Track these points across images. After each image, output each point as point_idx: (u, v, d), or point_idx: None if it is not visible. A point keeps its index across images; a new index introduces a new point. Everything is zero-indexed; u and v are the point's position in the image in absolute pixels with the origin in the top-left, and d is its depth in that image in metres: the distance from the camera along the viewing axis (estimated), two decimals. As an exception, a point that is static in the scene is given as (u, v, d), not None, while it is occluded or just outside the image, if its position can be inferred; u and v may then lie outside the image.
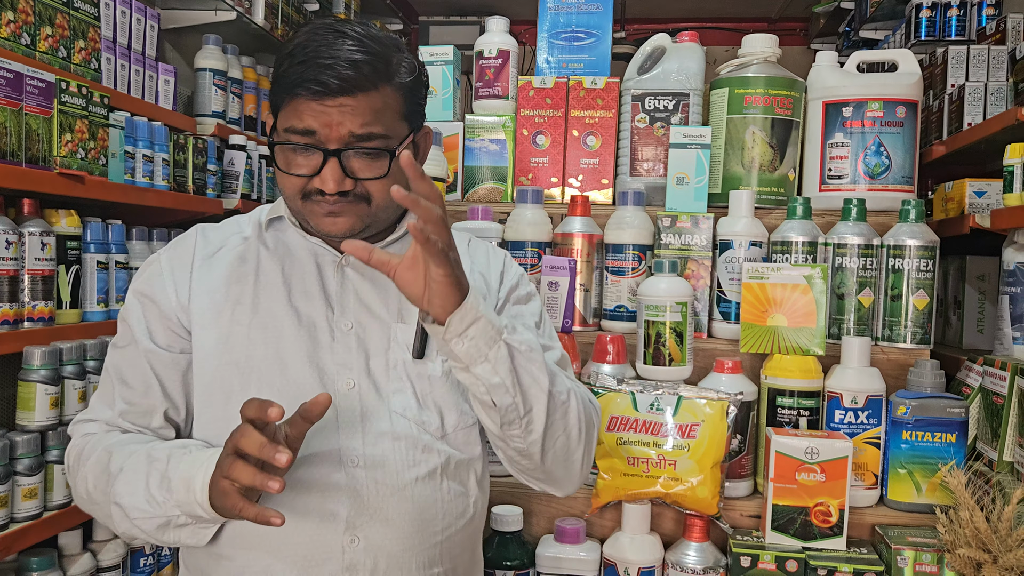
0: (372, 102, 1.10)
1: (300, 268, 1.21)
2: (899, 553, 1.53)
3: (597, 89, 1.99)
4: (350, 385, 1.16)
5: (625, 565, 1.60)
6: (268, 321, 1.17)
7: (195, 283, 1.20)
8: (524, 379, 1.09)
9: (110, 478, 1.11)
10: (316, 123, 1.09)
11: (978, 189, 2.13)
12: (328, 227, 1.15)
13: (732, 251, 1.82)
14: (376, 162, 1.12)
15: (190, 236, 1.26)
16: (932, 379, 1.68)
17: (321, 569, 1.12)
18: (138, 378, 1.19)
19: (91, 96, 2.01)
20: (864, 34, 3.50)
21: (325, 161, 1.10)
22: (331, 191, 1.10)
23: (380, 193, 1.14)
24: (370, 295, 1.20)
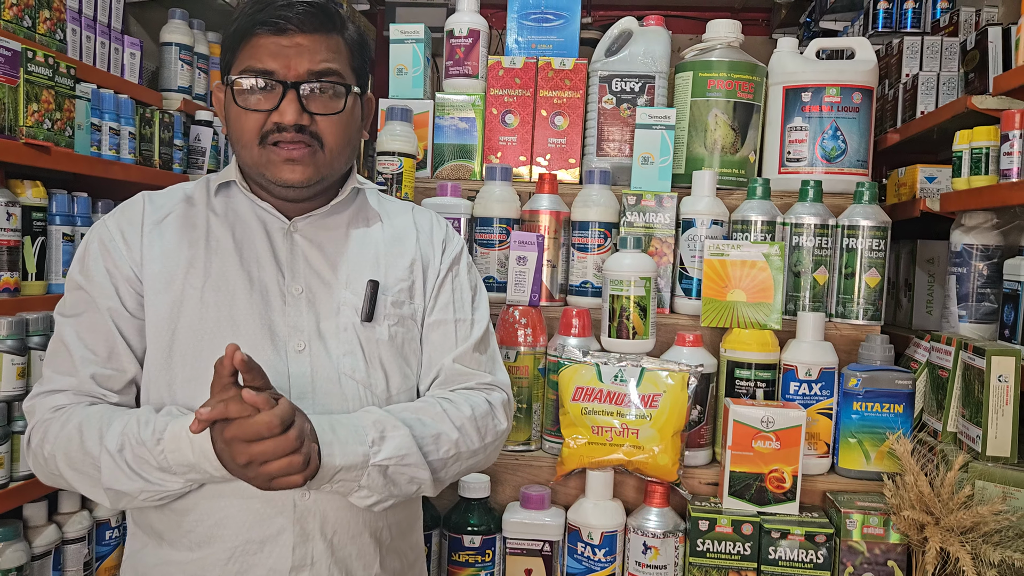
0: (327, 44, 1.17)
1: (250, 234, 1.22)
2: (848, 516, 1.60)
3: (565, 70, 2.03)
4: (301, 347, 1.19)
5: (588, 530, 1.65)
6: (221, 285, 1.18)
7: (146, 248, 1.20)
8: (401, 482, 1.15)
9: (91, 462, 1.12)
10: (274, 62, 1.13)
11: (929, 175, 2.21)
12: (287, 175, 1.16)
13: (694, 229, 1.87)
14: (332, 101, 1.17)
15: (137, 202, 1.25)
16: (882, 353, 1.76)
17: (273, 521, 1.15)
18: (102, 343, 1.18)
19: (57, 66, 2.00)
20: (824, 24, 3.58)
21: (284, 95, 1.13)
22: (289, 122, 1.13)
23: (333, 135, 1.17)
24: (319, 261, 1.23)
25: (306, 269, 1.22)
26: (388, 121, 1.93)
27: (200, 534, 1.16)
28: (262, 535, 1.15)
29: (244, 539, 1.15)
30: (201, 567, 1.16)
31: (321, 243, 1.24)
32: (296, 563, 1.16)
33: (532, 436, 1.81)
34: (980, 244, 1.86)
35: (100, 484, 1.12)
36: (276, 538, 1.15)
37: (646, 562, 1.64)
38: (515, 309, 1.80)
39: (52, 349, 1.21)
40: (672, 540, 1.65)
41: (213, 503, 1.15)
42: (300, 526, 1.16)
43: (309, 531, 1.16)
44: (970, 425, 1.60)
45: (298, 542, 1.16)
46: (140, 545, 1.24)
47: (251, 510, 1.15)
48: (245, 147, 1.17)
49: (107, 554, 2.18)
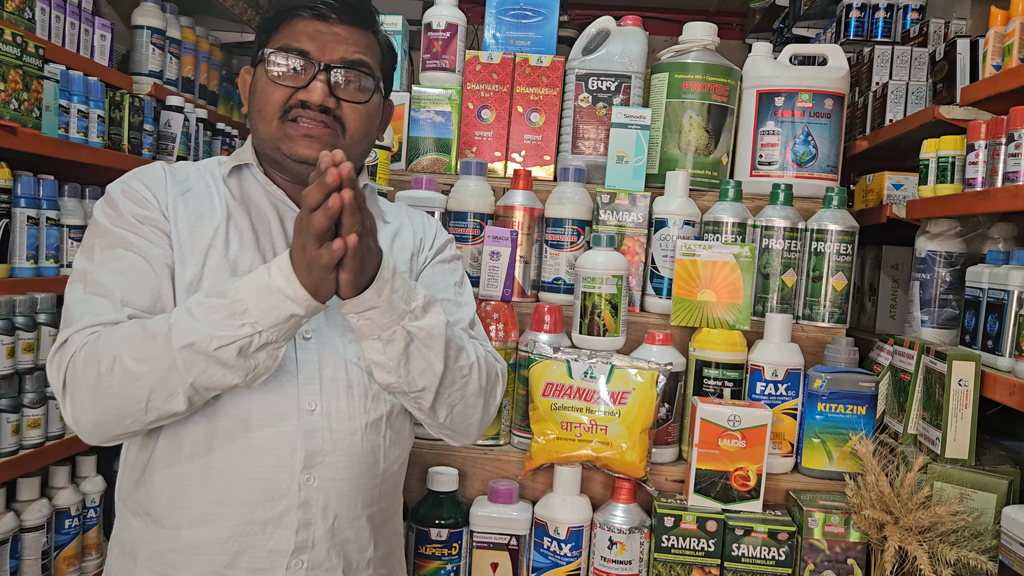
0: (363, 39, 1.21)
1: (265, 218, 1.24)
2: (810, 515, 1.63)
3: (543, 67, 2.03)
4: (309, 335, 1.20)
5: (556, 524, 1.66)
6: (237, 266, 1.18)
7: (171, 213, 1.19)
8: (415, 364, 1.16)
9: (161, 335, 1.06)
10: (311, 44, 1.17)
11: (896, 182, 2.26)
12: (303, 149, 1.17)
13: (667, 229, 1.89)
14: (359, 92, 1.20)
15: (156, 169, 1.24)
16: (846, 355, 1.80)
17: (278, 503, 1.16)
18: (148, 290, 1.14)
19: (26, 46, 1.96)
20: (797, 31, 3.62)
21: (315, 75, 1.16)
22: (316, 101, 1.15)
23: (355, 123, 1.20)
24: None
25: None
26: (364, 112, 1.92)
27: (199, 511, 1.15)
28: (264, 516, 1.15)
29: (246, 519, 1.15)
30: (197, 545, 1.15)
31: None
32: (298, 545, 1.17)
33: (501, 431, 1.82)
34: (944, 251, 1.90)
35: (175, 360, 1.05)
36: (279, 520, 1.16)
37: (612, 557, 1.66)
38: (487, 304, 1.80)
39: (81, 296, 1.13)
40: (638, 536, 1.66)
41: (216, 479, 1.15)
42: (304, 509, 1.17)
43: (312, 514, 1.17)
44: (930, 427, 1.64)
45: (301, 525, 1.17)
46: (125, 524, 1.22)
47: (255, 490, 1.15)
48: (265, 119, 1.19)
49: (66, 543, 2.14)
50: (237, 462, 1.15)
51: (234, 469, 1.15)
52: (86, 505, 2.23)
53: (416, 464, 1.77)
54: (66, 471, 2.17)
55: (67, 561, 2.15)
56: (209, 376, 1.07)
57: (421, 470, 1.74)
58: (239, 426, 1.15)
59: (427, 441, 1.80)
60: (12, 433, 1.95)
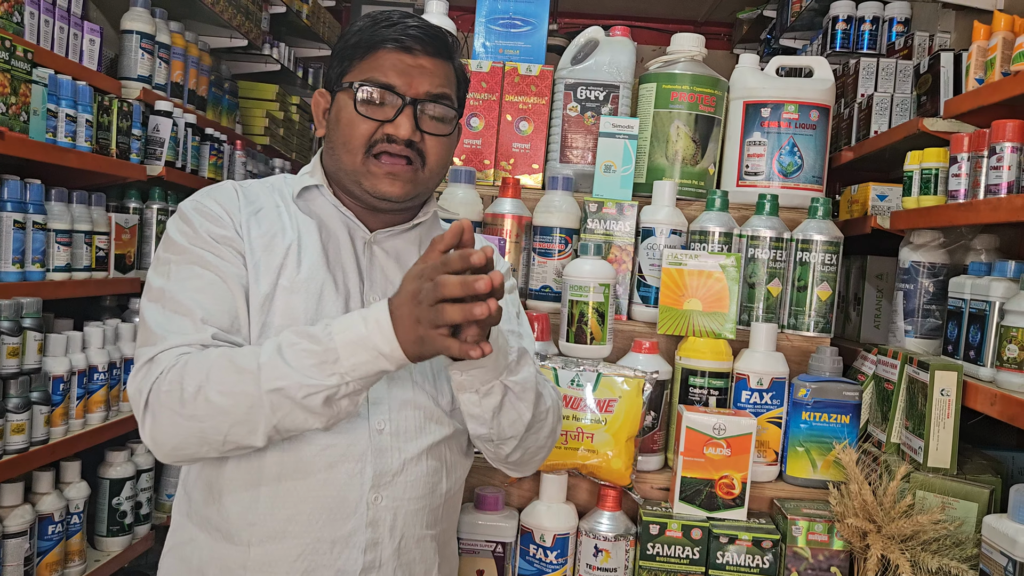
0: (445, 70, 1.23)
1: (335, 239, 1.25)
2: (794, 523, 1.64)
3: (531, 76, 2.04)
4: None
5: (541, 532, 1.67)
6: (310, 284, 1.19)
7: (245, 232, 1.20)
8: (507, 416, 1.20)
9: (249, 373, 1.06)
10: (398, 78, 1.19)
11: (881, 193, 2.28)
12: (386, 187, 1.19)
13: (654, 238, 1.90)
14: (442, 124, 1.22)
15: (228, 188, 1.25)
16: (831, 364, 1.81)
17: (347, 522, 1.17)
18: (226, 309, 1.15)
19: (14, 50, 1.96)
20: (784, 42, 3.66)
21: (402, 109, 1.18)
22: (403, 136, 1.17)
23: (436, 155, 1.22)
24: (395, 274, 1.27)
25: (383, 279, 1.26)
26: (353, 119, 1.93)
27: (269, 528, 1.15)
28: (333, 535, 1.16)
29: (315, 537, 1.15)
30: (267, 562, 1.15)
31: (397, 256, 1.28)
32: (366, 565, 1.17)
33: (488, 438, 1.83)
34: (927, 262, 1.92)
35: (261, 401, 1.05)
36: (348, 539, 1.17)
37: (597, 565, 1.66)
38: (475, 311, 1.81)
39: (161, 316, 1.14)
40: (623, 543, 1.67)
41: (286, 497, 1.15)
42: (372, 528, 1.18)
43: (380, 533, 1.18)
44: (913, 437, 1.65)
45: (369, 544, 1.17)
46: (189, 538, 1.22)
47: (325, 508, 1.16)
48: (350, 152, 1.20)
49: (49, 549, 2.13)
50: (308, 481, 1.15)
51: (305, 488, 1.15)
52: (70, 511, 2.21)
53: (402, 471, 1.77)
54: (50, 476, 2.16)
55: (50, 567, 2.14)
56: (292, 419, 1.08)
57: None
58: (309, 444, 1.16)
59: (414, 448, 1.80)
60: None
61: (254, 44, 3.61)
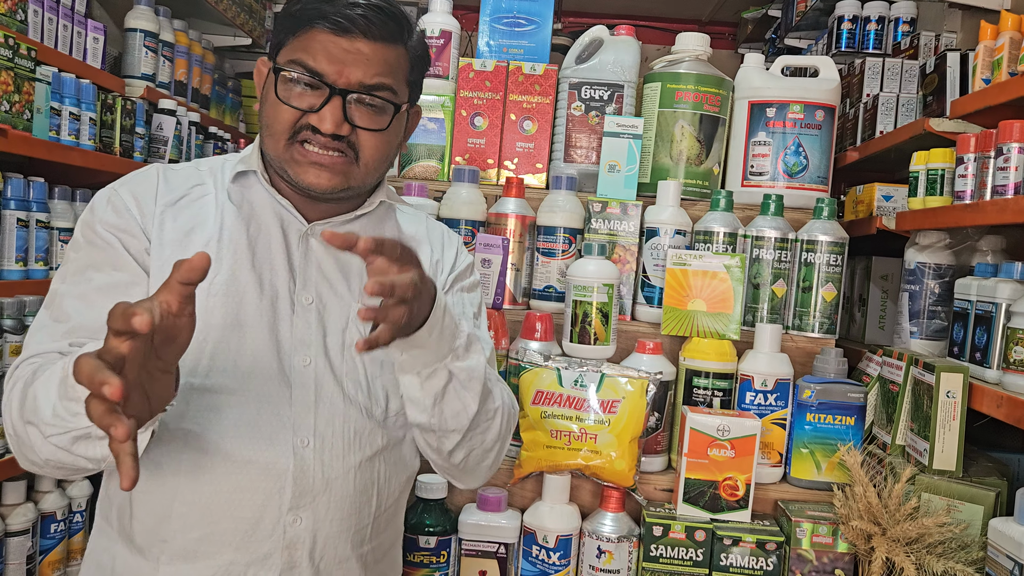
0: (386, 55, 1.10)
1: (266, 232, 1.16)
2: (798, 525, 1.64)
3: (536, 75, 2.04)
4: (306, 362, 1.13)
5: (544, 533, 1.66)
6: (230, 285, 1.12)
7: (156, 227, 1.11)
8: (450, 405, 1.11)
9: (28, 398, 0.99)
10: (328, 65, 1.07)
11: (886, 193, 2.27)
12: (312, 179, 1.10)
13: (658, 238, 1.90)
14: (378, 116, 1.11)
15: (151, 175, 1.16)
16: (836, 366, 1.80)
17: (261, 545, 1.10)
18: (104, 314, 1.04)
19: (17, 47, 1.95)
20: (789, 41, 3.64)
21: (328, 100, 1.07)
22: (327, 131, 1.07)
23: (371, 149, 1.12)
24: (332, 270, 1.18)
25: (318, 277, 1.16)
26: (357, 118, 1.92)
27: (180, 547, 1.09)
28: (248, 557, 1.10)
29: (228, 560, 1.09)
30: None
31: (336, 251, 1.17)
32: None
33: (491, 438, 1.82)
34: (933, 263, 1.91)
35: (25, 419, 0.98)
36: (263, 561, 1.10)
37: (600, 566, 1.66)
38: (478, 311, 1.80)
39: (45, 319, 1.08)
40: (626, 545, 1.66)
41: (200, 516, 1.09)
42: (289, 551, 1.11)
43: (298, 556, 1.12)
44: (918, 439, 1.64)
45: (285, 567, 1.11)
46: (106, 545, 1.15)
47: (240, 529, 1.09)
48: (273, 137, 1.11)
49: (52, 548, 2.13)
50: (223, 498, 1.08)
51: (219, 506, 1.08)
52: (72, 509, 2.21)
53: (405, 471, 1.76)
54: (52, 475, 2.16)
55: (52, 566, 2.13)
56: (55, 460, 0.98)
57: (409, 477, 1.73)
58: (225, 460, 1.09)
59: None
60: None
61: (258, 43, 3.61)
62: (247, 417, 1.09)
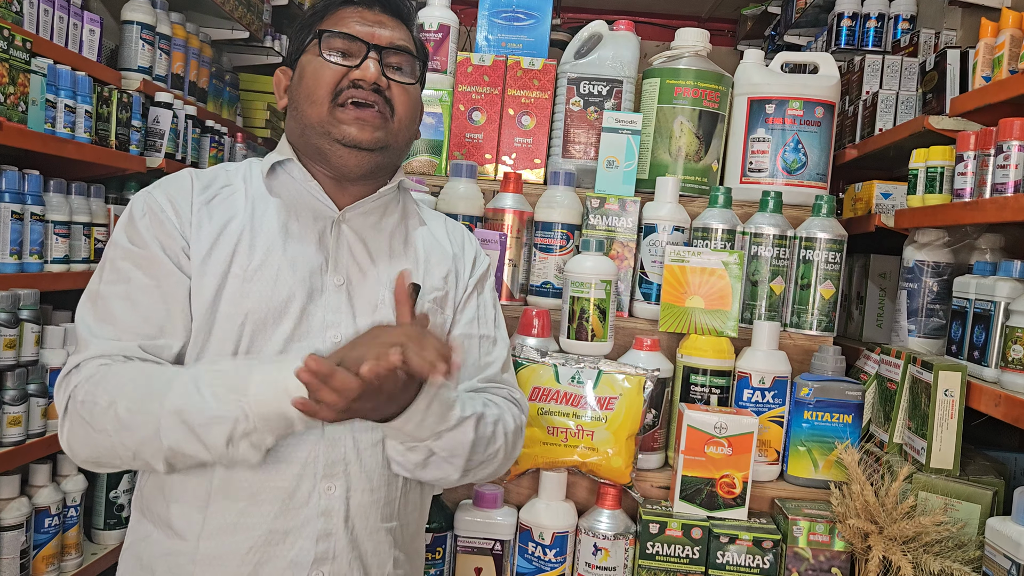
0: (405, 31, 1.25)
1: (296, 219, 1.22)
2: (795, 523, 1.63)
3: (534, 70, 2.03)
4: (337, 339, 1.17)
5: (540, 530, 1.66)
6: (264, 270, 1.17)
7: (195, 225, 1.17)
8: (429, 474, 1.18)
9: (158, 392, 1.05)
10: (361, 28, 1.21)
11: (885, 191, 2.26)
12: (355, 132, 1.18)
13: (656, 235, 1.89)
14: (407, 74, 1.23)
15: (184, 177, 1.23)
16: (833, 364, 1.80)
17: (298, 513, 1.14)
18: (155, 312, 1.13)
19: (12, 39, 1.94)
20: (788, 38, 3.63)
21: (367, 55, 1.19)
22: (371, 79, 1.17)
23: (404, 105, 1.22)
24: (362, 254, 1.24)
25: (349, 260, 1.23)
26: (354, 112, 1.91)
27: (220, 522, 1.13)
28: (286, 525, 1.13)
29: (268, 528, 1.13)
30: (218, 556, 1.12)
31: (366, 237, 1.25)
32: (318, 556, 1.14)
33: (487, 435, 1.81)
34: (931, 261, 1.90)
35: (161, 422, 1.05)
36: (300, 529, 1.14)
37: (596, 563, 1.65)
38: (475, 307, 1.80)
39: (91, 320, 1.14)
40: (623, 542, 1.66)
41: (238, 490, 1.12)
42: (325, 518, 1.15)
43: (333, 523, 1.15)
44: (915, 437, 1.64)
45: (322, 535, 1.15)
46: (144, 534, 1.19)
47: (278, 499, 1.13)
48: (315, 103, 1.19)
49: (45, 542, 2.12)
50: (260, 472, 1.12)
51: (257, 479, 1.12)
52: (66, 504, 2.20)
53: (401, 467, 1.75)
54: (47, 469, 2.15)
55: (46, 560, 2.13)
56: (187, 448, 1.06)
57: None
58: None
59: (412, 444, 1.79)
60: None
61: (255, 36, 3.59)
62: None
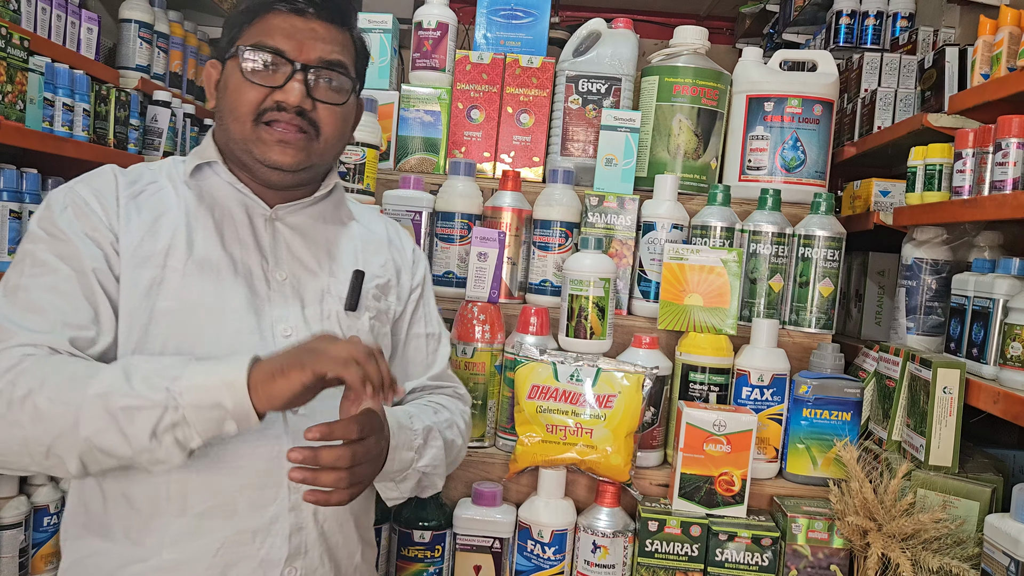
0: (340, 37, 1.17)
1: (231, 217, 1.19)
2: (794, 521, 1.63)
3: (533, 68, 2.02)
4: (288, 333, 1.16)
5: (539, 528, 1.66)
6: (204, 265, 1.13)
7: (122, 220, 1.12)
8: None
9: (81, 379, 0.99)
10: (287, 43, 1.13)
11: (884, 188, 2.26)
12: (277, 155, 1.14)
13: (655, 232, 1.89)
14: (337, 92, 1.17)
15: (106, 173, 1.16)
16: (832, 361, 1.80)
17: (267, 509, 1.12)
18: (83, 305, 1.07)
19: (10, 37, 1.94)
20: (787, 36, 3.63)
21: (292, 75, 1.12)
22: (293, 103, 1.12)
23: (331, 126, 1.17)
24: (301, 250, 1.22)
25: (288, 256, 1.21)
26: (352, 110, 1.91)
27: (183, 525, 1.09)
28: (255, 525, 1.11)
29: (236, 529, 1.10)
30: (183, 561, 1.08)
31: (303, 232, 1.23)
32: (291, 552, 1.13)
33: (486, 433, 1.81)
34: (930, 259, 1.90)
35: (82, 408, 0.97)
36: (270, 527, 1.12)
37: (595, 561, 1.65)
38: (474, 305, 1.80)
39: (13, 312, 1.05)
40: (621, 540, 1.66)
41: (202, 490, 1.09)
42: (295, 513, 1.13)
43: (304, 518, 1.14)
44: (914, 435, 1.64)
45: (294, 530, 1.13)
46: (92, 550, 1.12)
47: (245, 497, 1.10)
48: (238, 120, 1.14)
49: (44, 541, 2.12)
50: (224, 469, 1.09)
51: (222, 477, 1.09)
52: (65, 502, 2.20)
53: (400, 465, 1.75)
54: (45, 468, 2.14)
55: (45, 559, 2.12)
56: (105, 439, 0.98)
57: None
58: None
59: (411, 442, 1.78)
60: (-10, 429, 1.92)
61: (254, 34, 3.58)
62: None
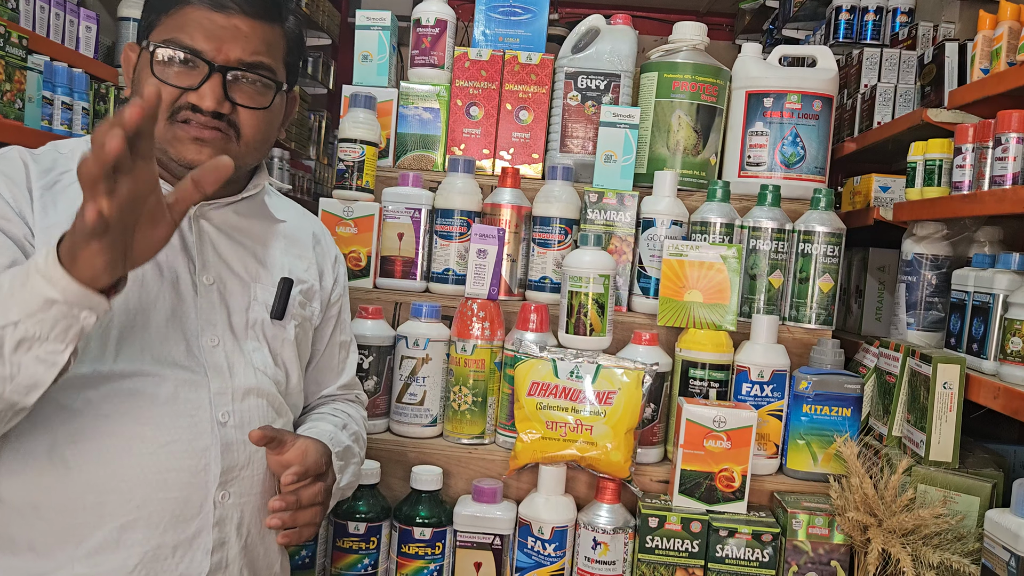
0: (264, 34, 1.10)
1: None
2: (794, 516, 1.63)
3: (532, 65, 2.02)
4: (214, 343, 1.13)
5: (540, 524, 1.66)
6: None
7: (37, 213, 1.03)
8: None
9: None
10: (205, 42, 1.06)
11: (883, 184, 2.26)
12: (193, 155, 1.07)
13: (654, 229, 1.89)
14: (258, 95, 1.11)
15: (15, 159, 1.07)
16: (832, 357, 1.80)
17: (189, 525, 1.08)
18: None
19: (8, 36, 1.94)
20: (786, 32, 3.63)
21: (208, 77, 1.05)
22: (208, 108, 1.05)
23: (252, 128, 1.11)
24: (228, 251, 1.18)
25: (215, 259, 1.16)
26: (351, 108, 1.91)
27: (100, 538, 1.03)
28: (176, 539, 1.06)
29: (156, 544, 1.05)
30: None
31: (230, 233, 1.18)
32: (212, 567, 1.09)
33: (486, 430, 1.81)
34: (930, 254, 1.90)
35: None
36: (192, 542, 1.07)
37: (596, 558, 1.65)
38: (473, 302, 1.80)
39: None
40: (622, 536, 1.66)
41: (122, 502, 1.03)
42: (219, 528, 1.10)
43: (227, 532, 1.11)
44: (914, 430, 1.64)
45: (216, 545, 1.10)
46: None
47: (166, 512, 1.05)
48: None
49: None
50: (148, 481, 1.04)
51: (144, 490, 1.03)
52: None
53: (399, 463, 1.76)
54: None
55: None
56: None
57: (404, 469, 1.73)
58: (146, 443, 1.04)
59: (411, 439, 1.79)
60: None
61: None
62: (163, 398, 1.06)
